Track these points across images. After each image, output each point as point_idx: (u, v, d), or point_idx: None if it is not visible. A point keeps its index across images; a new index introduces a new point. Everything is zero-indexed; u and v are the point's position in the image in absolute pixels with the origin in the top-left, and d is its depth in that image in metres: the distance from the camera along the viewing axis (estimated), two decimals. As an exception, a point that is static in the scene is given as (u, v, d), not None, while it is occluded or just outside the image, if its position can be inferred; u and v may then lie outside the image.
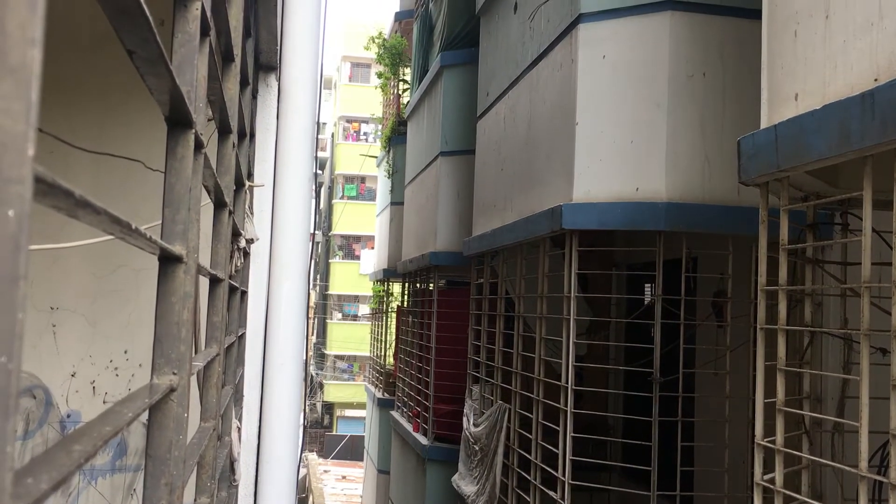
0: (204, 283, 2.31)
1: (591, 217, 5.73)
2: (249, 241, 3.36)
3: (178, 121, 1.29)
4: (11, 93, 0.48)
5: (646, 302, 7.61)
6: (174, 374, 1.30)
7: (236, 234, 2.87)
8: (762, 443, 3.55)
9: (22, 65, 0.48)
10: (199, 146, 1.41)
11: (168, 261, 1.29)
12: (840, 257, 4.12)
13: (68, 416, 3.86)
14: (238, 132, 2.61)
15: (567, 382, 5.86)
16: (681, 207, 5.55)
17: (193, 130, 1.32)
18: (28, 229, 0.48)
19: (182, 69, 1.28)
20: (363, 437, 21.25)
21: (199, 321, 2.47)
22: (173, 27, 1.34)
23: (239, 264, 3.07)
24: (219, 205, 2.25)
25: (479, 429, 7.73)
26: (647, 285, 8.19)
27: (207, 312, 2.30)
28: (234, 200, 2.68)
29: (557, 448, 5.97)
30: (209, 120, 2.01)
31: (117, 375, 3.91)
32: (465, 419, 8.52)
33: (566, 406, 5.85)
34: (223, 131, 2.29)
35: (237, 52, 2.31)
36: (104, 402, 3.88)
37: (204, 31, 1.41)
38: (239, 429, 3.46)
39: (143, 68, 1.00)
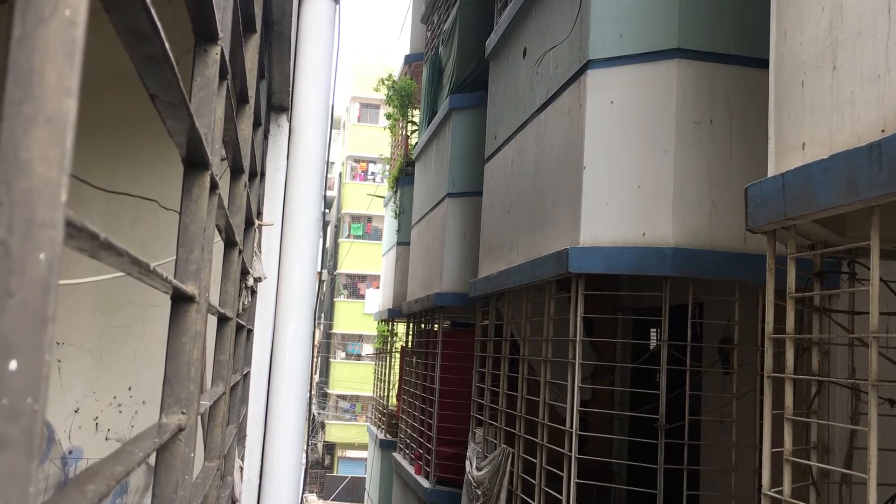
0: (211, 321, 2.32)
1: (598, 261, 5.74)
2: (257, 280, 3.37)
3: (195, 162, 1.31)
4: (47, 140, 0.49)
5: (651, 347, 7.58)
6: (183, 413, 1.30)
7: (244, 273, 2.89)
8: (769, 493, 3.51)
9: (58, 114, 0.50)
10: (213, 187, 1.43)
11: (181, 300, 1.30)
12: (847, 306, 4.11)
13: (70, 452, 3.85)
14: (249, 172, 2.64)
15: (572, 427, 5.82)
16: (687, 253, 5.55)
17: (209, 172, 1.34)
18: (58, 272, 0.50)
19: (200, 111, 1.31)
20: (364, 478, 21.04)
21: (205, 360, 2.47)
22: (192, 70, 1.37)
23: (246, 303, 3.08)
24: (229, 244, 2.27)
25: (482, 472, 7.66)
26: (652, 330, 8.16)
27: (214, 351, 2.30)
28: (243, 239, 2.70)
29: (561, 494, 5.90)
30: (222, 160, 2.04)
31: (120, 412, 3.90)
32: (467, 462, 8.44)
33: (570, 451, 5.80)
34: (235, 171, 2.32)
35: (251, 93, 2.35)
36: (106, 439, 3.87)
37: (222, 75, 1.44)
38: (241, 468, 3.44)
39: (165, 112, 1.02)
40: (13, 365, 0.46)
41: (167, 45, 0.81)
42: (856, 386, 3.97)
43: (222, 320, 2.28)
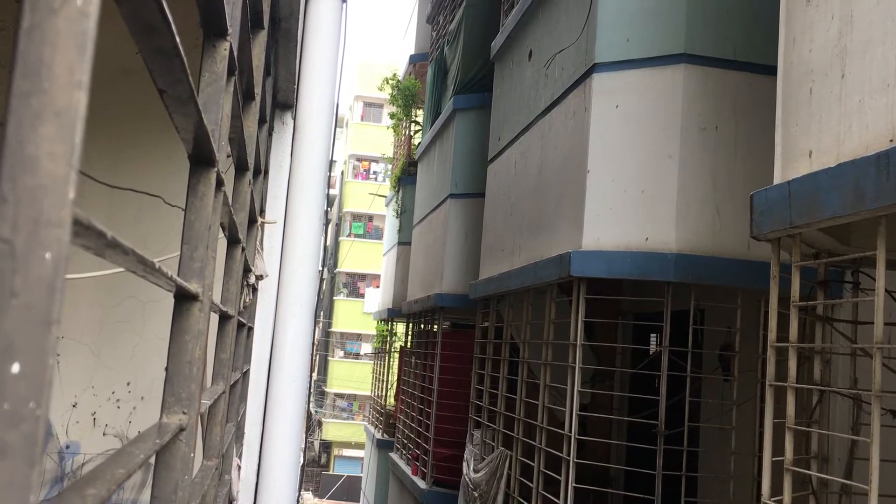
0: (213, 318, 2.30)
1: (600, 265, 5.72)
2: (259, 278, 3.35)
3: (201, 159, 1.29)
4: (55, 136, 0.48)
5: (652, 352, 7.56)
6: (184, 413, 1.29)
7: (246, 271, 2.87)
8: (769, 502, 3.49)
9: (68, 108, 0.48)
10: (219, 184, 1.41)
11: (184, 298, 1.29)
12: (850, 316, 4.09)
13: (67, 447, 3.83)
14: (254, 169, 2.62)
15: (570, 431, 5.80)
16: (690, 259, 5.54)
17: (215, 169, 1.32)
18: (64, 272, 0.48)
19: (208, 108, 1.29)
20: (360, 477, 21.02)
21: (205, 357, 2.45)
22: (200, 66, 1.35)
23: (247, 300, 3.07)
24: (232, 241, 2.25)
25: (479, 475, 7.64)
26: (653, 336, 8.14)
27: (215, 349, 2.29)
28: (246, 237, 2.69)
29: (558, 498, 5.88)
30: (228, 157, 2.02)
31: (119, 408, 3.88)
32: (465, 464, 8.42)
33: (569, 455, 5.78)
34: (240, 168, 2.30)
35: (258, 90, 2.33)
36: (104, 435, 3.85)
37: (230, 71, 1.42)
38: (239, 467, 3.43)
39: (173, 107, 1.01)
40: (16, 368, 0.45)
41: (178, 39, 0.80)
42: (858, 396, 3.95)
43: (224, 318, 2.27)
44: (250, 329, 3.51)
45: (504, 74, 8.94)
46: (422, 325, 12.33)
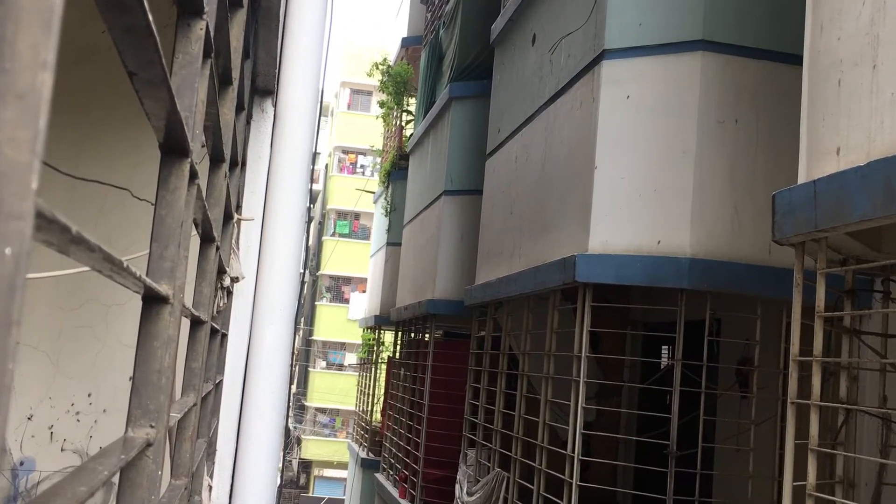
0: (184, 323, 2.30)
1: (608, 270, 5.73)
2: (234, 280, 3.35)
3: (174, 148, 1.29)
4: (17, 120, 0.48)
5: (663, 366, 7.58)
6: (151, 426, 1.29)
7: (221, 272, 2.87)
8: (789, 531, 3.51)
9: (31, 89, 0.48)
10: (193, 177, 1.41)
11: (153, 301, 1.29)
12: (880, 328, 4.11)
13: (21, 463, 3.82)
14: (230, 161, 2.62)
15: (573, 451, 5.81)
16: (706, 264, 5.55)
17: (189, 160, 1.32)
18: (26, 270, 0.48)
19: (181, 92, 1.29)
20: (342, 500, 20.99)
21: (175, 367, 2.45)
22: (174, 46, 1.35)
23: (221, 304, 3.07)
24: (206, 239, 2.25)
25: (474, 498, 7.64)
26: (664, 348, 8.15)
27: (186, 357, 2.29)
28: (221, 235, 2.69)
29: (560, 524, 5.89)
30: (202, 147, 2.02)
31: (78, 421, 3.87)
32: (457, 486, 8.42)
33: (571, 478, 5.79)
34: (215, 159, 2.31)
35: (235, 74, 2.33)
36: (62, 450, 3.84)
37: (207, 53, 1.42)
38: (210, 487, 3.42)
39: (143, 91, 1.01)
40: (-29, 373, 0.45)
41: (151, 17, 0.80)
42: (887, 416, 3.97)
43: (196, 323, 2.27)
44: (224, 336, 3.51)
45: (505, 60, 8.96)
46: (412, 334, 12.33)
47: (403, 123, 16.80)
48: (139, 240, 3.31)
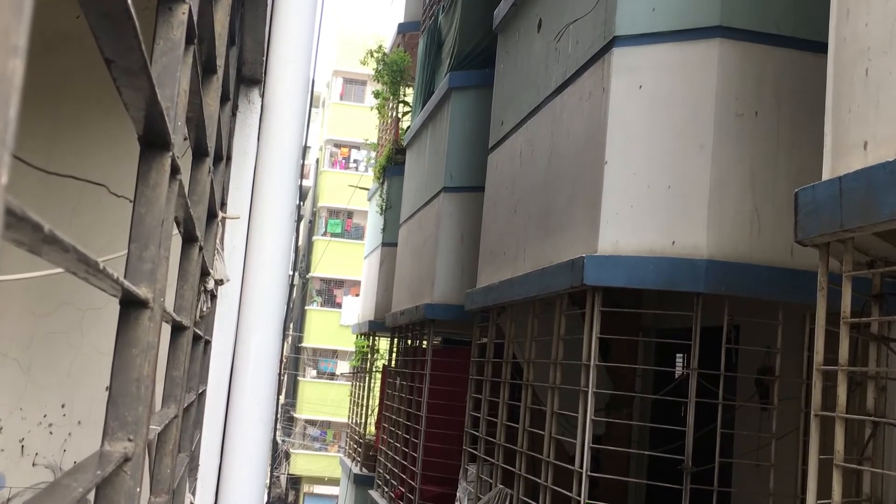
0: (165, 329, 2.30)
1: (619, 273, 5.73)
2: (218, 283, 3.35)
3: (154, 142, 1.29)
4: (-14, 109, 0.48)
5: (677, 376, 7.58)
6: (129, 440, 1.28)
7: (204, 274, 2.87)
8: (813, 552, 3.50)
9: (1, 77, 0.48)
10: (174, 172, 1.41)
11: (131, 305, 1.29)
12: (910, 335, 4.11)
13: (-10, 479, 3.82)
14: (214, 155, 2.62)
15: (581, 467, 5.81)
16: (724, 267, 5.55)
17: (170, 154, 1.32)
18: (-6, 271, 0.48)
19: (162, 81, 1.29)
20: (334, 519, 20.99)
21: (155, 376, 2.45)
22: (154, 32, 1.35)
23: (204, 309, 3.06)
24: (188, 239, 2.25)
25: (474, 517, 7.64)
26: (679, 356, 8.16)
27: (167, 366, 2.28)
28: (204, 234, 2.68)
29: (567, 545, 5.89)
30: (184, 139, 2.02)
31: (51, 433, 3.87)
32: (457, 504, 8.42)
33: (579, 495, 5.79)
34: (199, 153, 2.30)
35: (220, 62, 2.33)
36: (34, 465, 3.84)
37: (189, 39, 1.42)
38: (192, 504, 3.42)
39: (122, 80, 1.01)
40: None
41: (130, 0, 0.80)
42: (918, 429, 3.97)
43: (177, 329, 2.26)
44: (208, 342, 3.51)
45: (508, 48, 8.96)
46: (409, 341, 12.33)
47: (400, 115, 16.81)
48: (117, 239, 3.31)
